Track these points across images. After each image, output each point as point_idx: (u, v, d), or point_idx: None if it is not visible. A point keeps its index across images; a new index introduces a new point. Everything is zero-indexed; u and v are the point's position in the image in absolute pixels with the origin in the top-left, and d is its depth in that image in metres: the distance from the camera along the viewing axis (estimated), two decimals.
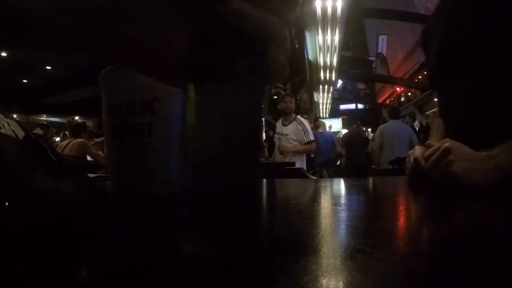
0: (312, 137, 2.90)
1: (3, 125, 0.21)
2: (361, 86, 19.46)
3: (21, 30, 0.21)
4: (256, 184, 0.27)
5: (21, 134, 0.23)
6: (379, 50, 8.10)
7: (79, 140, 3.03)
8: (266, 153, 4.59)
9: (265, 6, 0.25)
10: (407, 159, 0.79)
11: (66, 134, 4.09)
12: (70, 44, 0.23)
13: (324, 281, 0.22)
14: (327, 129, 6.24)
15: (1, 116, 0.22)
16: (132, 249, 0.31)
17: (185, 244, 0.25)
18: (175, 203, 0.48)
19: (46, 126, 4.51)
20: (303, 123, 2.95)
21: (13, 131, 0.22)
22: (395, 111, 3.92)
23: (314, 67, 6.84)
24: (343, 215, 0.47)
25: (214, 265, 0.24)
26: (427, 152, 0.68)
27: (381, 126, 3.81)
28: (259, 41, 0.25)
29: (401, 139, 3.49)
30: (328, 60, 6.79)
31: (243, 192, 0.26)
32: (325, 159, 4.57)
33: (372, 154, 4.09)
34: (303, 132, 2.85)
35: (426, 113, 7.21)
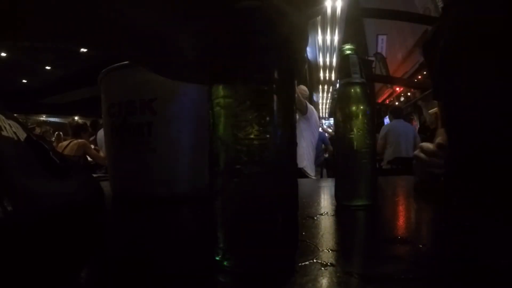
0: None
1: (5, 127, 0.22)
2: None
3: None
4: (295, 195, 0.24)
5: (22, 135, 0.23)
6: (379, 50, 8.09)
7: (79, 140, 3.04)
8: None
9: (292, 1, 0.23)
10: (416, 153, 0.80)
11: (61, 134, 4.08)
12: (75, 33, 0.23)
13: (324, 281, 0.22)
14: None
15: (3, 117, 0.22)
16: (132, 249, 0.32)
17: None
18: (175, 203, 0.48)
19: (42, 124, 4.48)
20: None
21: (15, 132, 0.22)
22: (398, 110, 3.80)
23: (314, 67, 6.85)
24: (343, 215, 0.47)
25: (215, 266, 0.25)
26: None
27: (385, 127, 3.71)
28: (290, 36, 0.24)
29: (406, 139, 3.43)
30: (327, 60, 6.80)
31: (284, 204, 0.23)
32: (325, 158, 4.57)
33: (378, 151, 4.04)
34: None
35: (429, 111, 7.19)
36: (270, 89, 0.22)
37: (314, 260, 0.25)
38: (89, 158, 3.13)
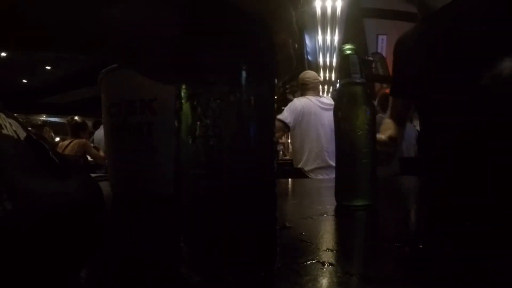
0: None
1: (5, 125, 0.22)
2: None
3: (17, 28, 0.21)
4: (273, 202, 0.22)
5: (22, 134, 0.23)
6: (379, 50, 8.07)
7: (80, 140, 3.04)
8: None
9: None
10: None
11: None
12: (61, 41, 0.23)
13: (324, 281, 0.22)
14: None
15: (3, 116, 0.22)
16: (132, 249, 0.32)
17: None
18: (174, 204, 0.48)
19: (40, 126, 4.47)
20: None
21: (15, 131, 0.22)
22: (387, 100, 3.83)
23: (314, 67, 6.85)
24: (343, 215, 0.47)
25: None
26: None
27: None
28: (265, 27, 0.21)
29: (408, 140, 3.43)
30: (327, 60, 6.79)
31: (257, 212, 0.21)
32: None
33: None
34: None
35: None
36: (231, 89, 0.20)
37: (314, 260, 0.25)
38: (89, 158, 3.13)
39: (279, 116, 2.08)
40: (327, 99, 2.24)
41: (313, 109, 2.07)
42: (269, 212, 0.22)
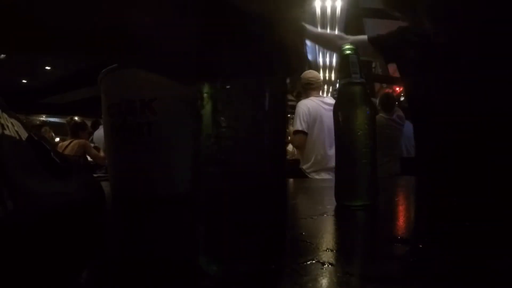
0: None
1: (7, 126, 0.22)
2: None
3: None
4: (283, 196, 0.23)
5: (24, 135, 0.23)
6: None
7: (80, 140, 3.05)
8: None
9: None
10: None
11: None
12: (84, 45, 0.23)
13: (324, 281, 0.22)
14: None
15: (5, 116, 0.22)
16: (132, 249, 0.32)
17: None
18: (175, 203, 0.48)
19: (38, 126, 4.47)
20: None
21: (17, 131, 0.22)
22: (390, 100, 3.75)
23: (314, 67, 6.85)
24: (343, 215, 0.47)
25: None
26: None
27: None
28: (274, 28, 0.22)
29: (408, 140, 3.40)
30: (327, 60, 6.78)
31: (266, 205, 0.22)
32: None
33: None
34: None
35: None
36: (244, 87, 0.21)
37: (314, 260, 0.25)
38: (89, 158, 3.13)
39: (297, 128, 2.09)
40: (329, 99, 2.23)
41: (318, 111, 2.07)
42: (280, 210, 0.23)
